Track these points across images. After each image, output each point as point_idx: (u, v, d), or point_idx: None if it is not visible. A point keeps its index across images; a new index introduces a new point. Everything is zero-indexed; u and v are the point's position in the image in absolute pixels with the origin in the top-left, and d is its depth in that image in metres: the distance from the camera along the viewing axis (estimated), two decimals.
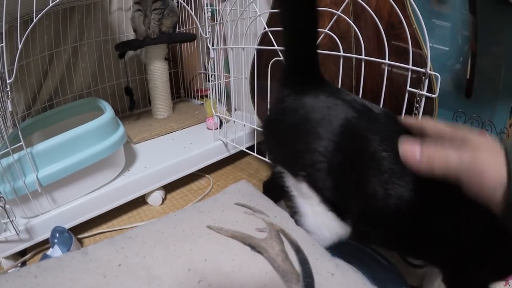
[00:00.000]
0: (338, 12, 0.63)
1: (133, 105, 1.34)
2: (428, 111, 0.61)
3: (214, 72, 1.00)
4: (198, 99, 1.49)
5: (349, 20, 0.63)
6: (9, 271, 0.76)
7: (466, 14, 0.89)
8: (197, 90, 1.50)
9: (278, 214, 0.57)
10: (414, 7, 0.59)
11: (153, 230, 0.51)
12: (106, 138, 0.84)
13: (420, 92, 0.56)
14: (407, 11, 0.65)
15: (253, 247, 0.48)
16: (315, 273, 0.45)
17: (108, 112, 0.88)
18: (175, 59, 1.53)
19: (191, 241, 0.49)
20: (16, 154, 0.71)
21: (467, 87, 0.88)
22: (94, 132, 0.82)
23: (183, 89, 1.58)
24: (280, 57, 0.77)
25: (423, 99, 0.56)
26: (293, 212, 0.56)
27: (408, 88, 0.58)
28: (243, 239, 0.49)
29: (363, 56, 0.62)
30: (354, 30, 0.64)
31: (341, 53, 0.65)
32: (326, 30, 0.67)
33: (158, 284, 0.41)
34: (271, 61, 0.80)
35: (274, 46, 0.78)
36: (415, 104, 0.59)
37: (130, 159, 0.98)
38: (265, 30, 0.80)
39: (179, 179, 0.97)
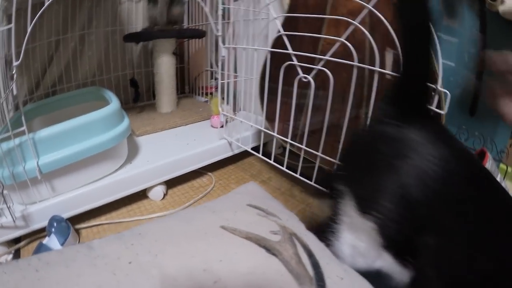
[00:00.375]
0: (355, 23, 0.61)
1: (137, 97, 1.30)
2: None
3: (223, 71, 0.97)
4: (202, 96, 1.46)
5: (366, 32, 0.61)
6: (1, 257, 0.72)
7: (475, 32, 0.87)
8: (202, 87, 1.46)
9: (289, 218, 0.55)
10: None
11: (163, 227, 0.48)
12: (110, 129, 0.81)
13: (429, 107, 0.54)
14: None
15: (268, 249, 0.46)
16: (326, 277, 0.45)
17: (114, 102, 0.85)
18: (182, 54, 1.50)
19: (205, 241, 0.47)
20: (17, 138, 0.67)
21: (471, 104, 0.86)
22: (99, 122, 0.79)
23: (188, 85, 1.54)
24: (293, 61, 0.74)
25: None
26: (329, 233, 0.51)
27: None
28: (258, 241, 0.47)
29: (377, 68, 0.60)
30: (369, 41, 0.61)
31: (356, 63, 0.63)
32: (342, 39, 0.64)
33: (172, 284, 0.38)
34: (284, 65, 0.77)
35: (287, 50, 0.75)
36: None
37: (133, 151, 0.94)
38: (279, 34, 0.78)
39: (181, 175, 0.94)
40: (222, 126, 1.04)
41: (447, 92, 0.53)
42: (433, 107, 0.54)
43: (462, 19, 0.87)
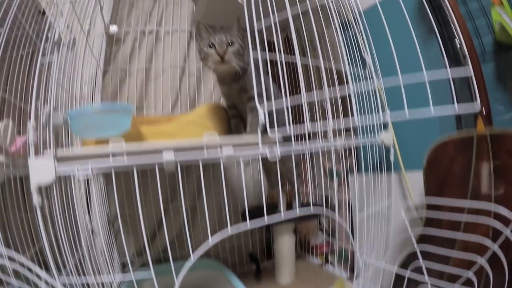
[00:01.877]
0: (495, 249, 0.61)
1: (259, 273, 1.18)
2: None
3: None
4: (315, 255, 1.32)
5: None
6: None
7: None
8: (313, 246, 1.33)
9: None
10: None
11: None
12: None
13: None
14: None
15: None
16: None
17: None
18: None
19: None
20: None
21: None
22: None
23: (299, 244, 1.40)
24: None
25: None
26: None
27: None
28: None
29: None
30: None
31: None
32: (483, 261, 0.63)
33: None
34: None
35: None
36: None
37: None
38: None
39: None
40: None
41: None
42: None
43: None
